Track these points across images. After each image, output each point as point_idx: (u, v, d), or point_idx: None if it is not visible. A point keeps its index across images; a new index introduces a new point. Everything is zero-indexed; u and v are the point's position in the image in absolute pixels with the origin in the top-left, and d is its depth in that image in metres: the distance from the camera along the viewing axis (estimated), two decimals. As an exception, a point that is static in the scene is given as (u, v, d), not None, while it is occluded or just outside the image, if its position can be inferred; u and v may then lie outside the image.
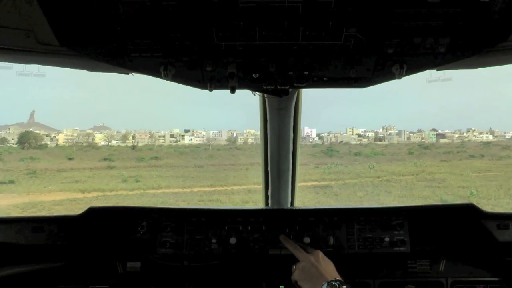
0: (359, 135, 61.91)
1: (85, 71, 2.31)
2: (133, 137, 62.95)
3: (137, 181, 39.83)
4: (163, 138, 63.55)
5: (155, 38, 1.77)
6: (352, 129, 62.01)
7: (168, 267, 3.16)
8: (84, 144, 59.14)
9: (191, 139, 63.75)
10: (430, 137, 60.32)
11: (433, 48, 1.83)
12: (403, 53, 1.87)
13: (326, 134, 62.23)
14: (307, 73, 2.05)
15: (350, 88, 2.26)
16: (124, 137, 62.20)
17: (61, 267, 3.08)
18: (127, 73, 2.23)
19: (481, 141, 57.52)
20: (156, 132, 64.57)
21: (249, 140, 62.22)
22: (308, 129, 62.01)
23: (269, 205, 3.83)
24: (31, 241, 3.05)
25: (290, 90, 2.59)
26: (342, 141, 59.96)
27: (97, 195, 34.96)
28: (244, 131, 64.13)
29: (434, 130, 61.13)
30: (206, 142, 62.87)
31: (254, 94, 2.57)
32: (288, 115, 3.19)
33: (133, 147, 57.68)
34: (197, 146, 60.12)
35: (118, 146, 59.18)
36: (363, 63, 1.97)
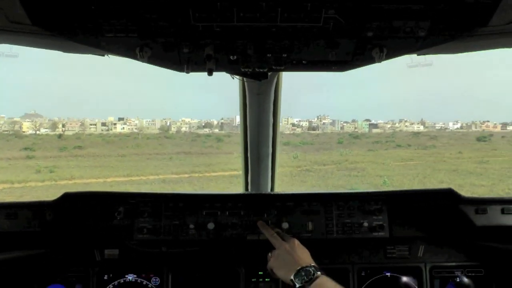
0: (293, 125, 60.82)
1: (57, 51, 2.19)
2: (64, 126, 59.48)
3: (51, 172, 37.84)
4: (95, 126, 60.34)
5: (131, 18, 1.70)
6: (288, 118, 60.69)
7: (146, 253, 3.09)
8: (10, 132, 55.10)
9: (123, 128, 60.89)
10: (363, 127, 59.93)
11: (413, 32, 1.79)
12: (383, 37, 1.83)
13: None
14: (285, 55, 2.00)
15: (329, 72, 2.24)
16: (54, 126, 58.99)
17: (37, 255, 2.99)
18: (103, 55, 2.14)
19: (412, 131, 57.21)
20: (91, 120, 61.94)
21: (183, 128, 59.91)
22: (240, 118, 60.07)
23: (249, 190, 3.77)
24: (5, 228, 2.95)
25: (269, 74, 2.49)
26: (277, 130, 58.30)
27: (2, 188, 31.97)
28: (179, 120, 61.69)
29: (367, 120, 60.77)
30: (139, 130, 60.05)
31: (233, 78, 2.53)
32: (268, 100, 3.16)
33: (60, 136, 54.12)
34: (127, 135, 57.61)
35: (47, 135, 56.13)
36: (343, 46, 1.92)
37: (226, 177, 36.04)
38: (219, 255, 3.14)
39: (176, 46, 1.91)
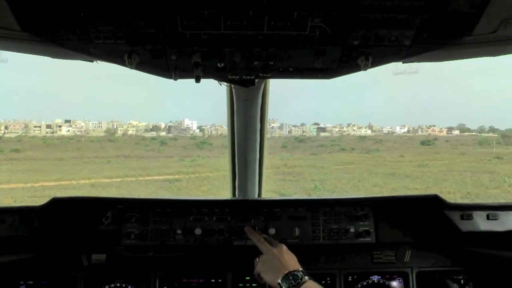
0: (242, 129, 58.88)
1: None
2: (6, 128, 56.68)
3: (-23, 176, 35.27)
4: (39, 129, 57.75)
5: (119, 25, 1.72)
6: (233, 121, 59.27)
7: (134, 259, 3.08)
8: None
9: (68, 130, 58.50)
10: (311, 131, 59.18)
11: (398, 41, 1.81)
12: (368, 45, 1.85)
13: (208, 126, 58.99)
14: (272, 63, 2.02)
15: (315, 79, 2.25)
16: (-5, 128, 55.79)
17: (24, 260, 2.98)
18: (92, 61, 2.15)
19: (358, 135, 56.93)
20: (36, 122, 59.28)
21: (130, 131, 57.94)
22: (189, 121, 58.73)
23: (236, 195, 3.77)
24: None
25: (256, 80, 2.49)
26: (222, 133, 57.03)
27: None
28: (127, 122, 59.72)
29: (316, 124, 60.17)
30: (84, 133, 57.98)
31: (221, 84, 2.55)
32: (255, 106, 3.17)
33: (-1, 138, 51.47)
34: (71, 138, 55.51)
35: (-14, 137, 52.72)
36: (329, 54, 1.94)
37: (158, 182, 34.73)
38: (206, 260, 3.13)
39: (164, 53, 1.92)
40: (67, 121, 60.10)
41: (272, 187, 32.58)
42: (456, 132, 59.19)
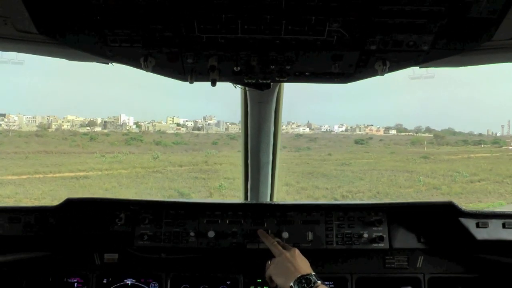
0: (178, 124, 57.59)
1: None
2: None
3: None
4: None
5: (135, 28, 1.72)
6: (173, 118, 57.55)
7: (146, 259, 3.09)
8: None
9: (0, 124, 55.28)
10: (250, 128, 57.62)
11: (417, 46, 1.79)
12: (386, 50, 1.83)
13: (146, 122, 56.95)
14: (289, 67, 2.00)
15: (332, 84, 2.24)
16: None
17: (38, 258, 3.01)
18: (107, 63, 2.16)
19: (296, 133, 55.95)
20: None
21: (64, 126, 55.40)
22: (125, 117, 56.58)
23: (248, 198, 3.74)
24: (8, 232, 2.97)
25: (271, 83, 2.45)
26: (160, 129, 55.23)
27: None
28: (63, 117, 57.04)
29: (255, 121, 58.69)
30: (17, 128, 54.72)
31: (235, 87, 2.53)
32: (269, 108, 3.13)
33: None
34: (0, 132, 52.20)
35: None
36: (346, 59, 1.92)
37: (66, 179, 33.00)
38: (218, 263, 3.10)
39: (180, 56, 1.91)
40: (1, 115, 57.23)
41: (177, 185, 31.40)
42: (393, 131, 59.03)
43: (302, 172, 36.19)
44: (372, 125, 58.65)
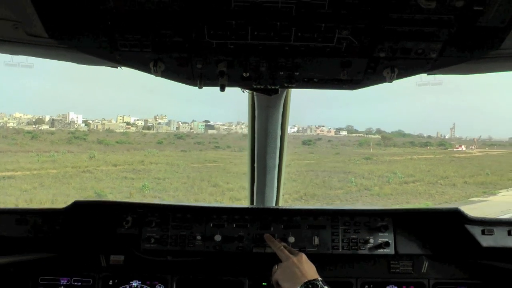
0: (128, 123, 56.25)
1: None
2: None
3: None
4: None
5: (145, 33, 1.71)
6: (123, 116, 56.25)
7: (152, 261, 3.06)
8: None
9: None
10: (199, 128, 56.93)
11: (425, 53, 1.79)
12: (394, 57, 1.84)
13: (96, 121, 55.50)
14: (297, 73, 2.00)
15: (340, 90, 2.24)
16: None
17: (44, 259, 3.01)
18: (116, 67, 2.15)
19: (243, 133, 55.19)
20: None
21: (10, 124, 53.57)
22: (74, 115, 55.03)
23: (254, 202, 3.71)
24: (15, 233, 2.97)
25: (279, 89, 2.51)
26: (109, 128, 53.90)
27: None
28: (10, 114, 55.17)
29: (206, 121, 58.05)
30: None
31: (244, 92, 2.55)
32: (277, 113, 3.14)
33: None
34: None
35: None
36: (354, 66, 1.93)
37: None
38: (224, 266, 3.05)
39: (190, 62, 1.91)
40: None
41: (102, 185, 30.47)
42: (344, 132, 59.09)
43: (237, 173, 35.54)
44: (324, 126, 58.72)
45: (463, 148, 56.15)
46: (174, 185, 30.52)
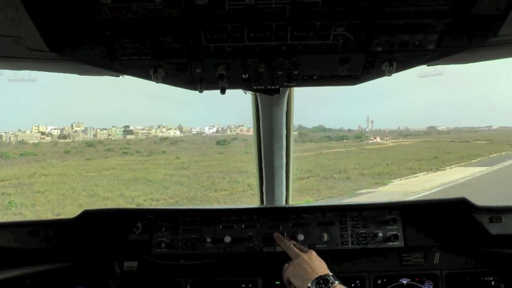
0: (43, 133, 54.18)
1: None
2: None
3: None
4: None
5: (143, 41, 1.73)
6: (38, 126, 54.26)
7: (165, 266, 3.03)
8: None
9: None
10: (118, 134, 55.54)
11: (423, 45, 1.78)
12: (392, 51, 1.83)
13: (10, 132, 53.28)
14: (296, 72, 2.00)
15: (340, 86, 2.26)
16: None
17: (59, 269, 2.98)
18: (118, 76, 2.16)
19: (163, 137, 54.40)
20: None
21: None
22: (-15, 128, 52.64)
23: (264, 202, 3.72)
24: (27, 245, 2.95)
25: (281, 88, 2.51)
26: (22, 140, 51.81)
27: None
28: None
29: (126, 126, 56.73)
30: None
31: (246, 93, 2.56)
32: (281, 112, 3.16)
33: None
34: None
35: None
36: (353, 61, 1.92)
37: None
38: (236, 267, 3.03)
39: (189, 66, 1.91)
40: None
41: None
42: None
43: (129, 179, 34.66)
44: (243, 126, 58.34)
45: (378, 139, 56.98)
46: (49, 197, 29.32)
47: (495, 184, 29.58)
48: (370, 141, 56.05)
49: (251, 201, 30.01)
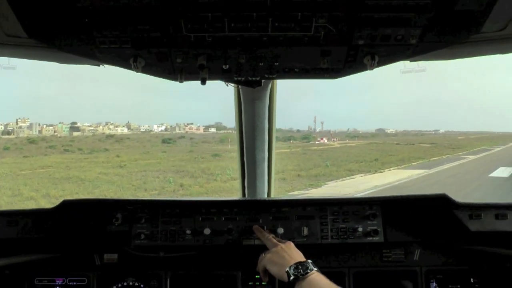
0: (-16, 130, 52.27)
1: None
2: None
3: None
4: None
5: (124, 29, 1.70)
6: (-18, 123, 52.40)
7: (145, 258, 3.05)
8: None
9: None
10: (64, 130, 54.36)
11: (405, 40, 1.77)
12: (374, 45, 1.82)
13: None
14: (277, 64, 1.99)
15: (321, 79, 2.22)
16: None
17: (39, 260, 3.01)
18: (98, 65, 2.15)
19: (109, 134, 53.65)
20: None
21: None
22: None
23: (246, 195, 3.73)
24: (6, 235, 2.94)
25: (263, 81, 2.51)
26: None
27: None
28: None
29: (73, 123, 55.55)
30: None
31: (227, 85, 2.54)
32: (263, 106, 3.16)
33: None
34: None
35: None
36: (334, 54, 1.91)
37: None
38: (216, 260, 3.08)
39: (169, 56, 1.89)
40: None
41: None
42: (213, 129, 58.93)
43: (62, 177, 34.18)
44: (192, 124, 58.23)
45: (325, 140, 57.82)
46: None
47: (429, 186, 30.43)
48: (317, 142, 56.86)
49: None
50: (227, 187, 33.38)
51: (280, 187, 34.44)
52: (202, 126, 58.38)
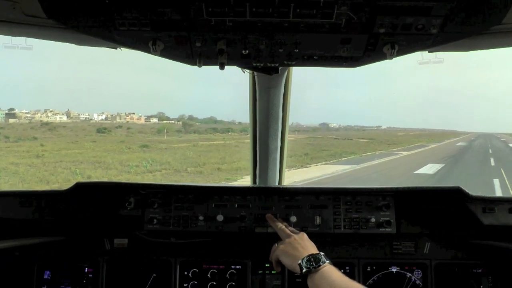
0: None
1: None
2: None
3: None
4: None
5: (143, 12, 1.64)
6: None
7: (155, 244, 2.96)
8: None
9: None
10: (-1, 117, 53.22)
11: (425, 29, 1.71)
12: (394, 33, 1.76)
13: None
14: (297, 50, 1.91)
15: (340, 68, 2.16)
16: None
17: (50, 243, 2.89)
18: (116, 48, 2.06)
19: (46, 122, 52.62)
20: None
21: None
22: None
23: (257, 183, 3.53)
24: (19, 215, 2.87)
25: (280, 68, 2.41)
26: None
27: None
28: None
29: (11, 109, 54.36)
30: None
31: (244, 72, 2.47)
32: (278, 94, 3.01)
33: None
34: None
35: None
36: (354, 42, 1.85)
37: None
38: (227, 247, 2.97)
39: (189, 40, 1.82)
40: None
41: None
42: (155, 120, 58.44)
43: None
44: (134, 114, 57.63)
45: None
46: None
47: (349, 182, 30.75)
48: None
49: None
50: (138, 180, 33.21)
51: (194, 180, 34.33)
52: (144, 116, 57.79)
